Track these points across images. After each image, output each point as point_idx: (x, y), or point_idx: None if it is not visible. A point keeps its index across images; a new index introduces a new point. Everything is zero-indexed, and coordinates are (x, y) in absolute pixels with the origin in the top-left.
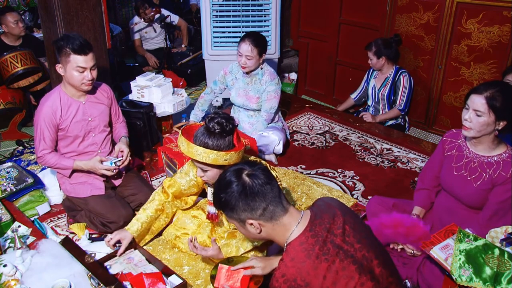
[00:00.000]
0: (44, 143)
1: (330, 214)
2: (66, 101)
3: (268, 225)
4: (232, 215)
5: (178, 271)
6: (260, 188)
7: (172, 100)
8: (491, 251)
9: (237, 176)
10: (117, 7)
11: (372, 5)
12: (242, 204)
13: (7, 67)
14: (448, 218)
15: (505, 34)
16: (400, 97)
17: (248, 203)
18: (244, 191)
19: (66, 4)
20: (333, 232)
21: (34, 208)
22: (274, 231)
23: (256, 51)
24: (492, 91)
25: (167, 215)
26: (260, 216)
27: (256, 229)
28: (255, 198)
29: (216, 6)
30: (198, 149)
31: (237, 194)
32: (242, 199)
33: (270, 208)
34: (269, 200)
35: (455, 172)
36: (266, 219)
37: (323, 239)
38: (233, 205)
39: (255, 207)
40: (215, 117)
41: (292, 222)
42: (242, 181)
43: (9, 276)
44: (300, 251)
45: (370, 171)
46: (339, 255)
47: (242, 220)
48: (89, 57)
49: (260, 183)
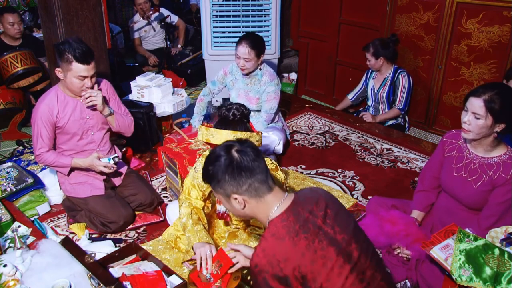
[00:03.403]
0: (42, 141)
1: (314, 198)
2: (63, 100)
3: (252, 201)
4: (218, 189)
5: (178, 271)
6: (248, 164)
7: (172, 100)
8: (491, 251)
9: (226, 151)
10: (117, 7)
11: (372, 5)
12: (228, 178)
13: (7, 67)
14: (448, 219)
15: (505, 34)
16: (399, 97)
17: (234, 177)
18: (232, 165)
19: (66, 4)
20: (315, 214)
21: (34, 208)
22: (257, 208)
23: (254, 53)
24: (490, 94)
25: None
26: (245, 191)
27: (240, 204)
28: (242, 173)
29: (216, 6)
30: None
31: (224, 167)
32: (229, 173)
33: (256, 185)
34: (256, 177)
35: (455, 173)
36: (251, 195)
37: (304, 218)
38: (220, 178)
39: (241, 182)
40: (231, 107)
41: (276, 200)
42: (230, 156)
43: (9, 276)
44: (281, 227)
45: (370, 171)
46: (318, 236)
47: (227, 194)
48: (91, 66)
49: (248, 160)
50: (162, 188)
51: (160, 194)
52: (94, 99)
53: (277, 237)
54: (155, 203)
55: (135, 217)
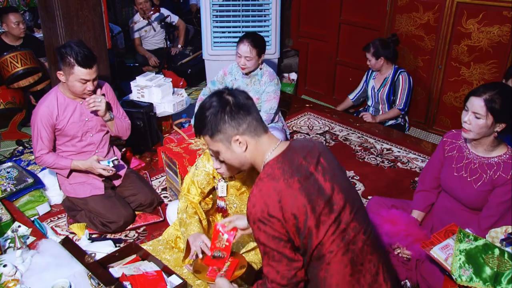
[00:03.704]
0: (41, 143)
1: (308, 146)
2: (63, 102)
3: (252, 141)
4: (217, 135)
5: (178, 271)
6: (243, 102)
7: (172, 100)
8: (491, 251)
9: (218, 97)
10: (117, 7)
11: (372, 5)
12: (228, 118)
13: (7, 67)
14: (449, 219)
15: (505, 34)
16: (399, 97)
17: (233, 116)
18: (229, 105)
19: (66, 4)
20: (308, 160)
21: (34, 208)
22: (256, 150)
23: (255, 52)
24: (491, 94)
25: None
26: (245, 130)
27: (242, 145)
28: (240, 111)
29: (216, 6)
30: None
31: (222, 109)
32: (227, 112)
33: (254, 123)
34: (252, 115)
35: (456, 173)
36: (251, 134)
37: (298, 163)
38: (219, 121)
39: (240, 120)
40: None
41: (272, 143)
42: (224, 99)
43: (9, 276)
44: (276, 168)
45: (370, 171)
46: (310, 181)
47: (228, 139)
48: (93, 70)
49: (242, 98)
50: (162, 188)
51: (160, 194)
52: (98, 104)
53: (272, 177)
54: (155, 203)
55: (135, 217)
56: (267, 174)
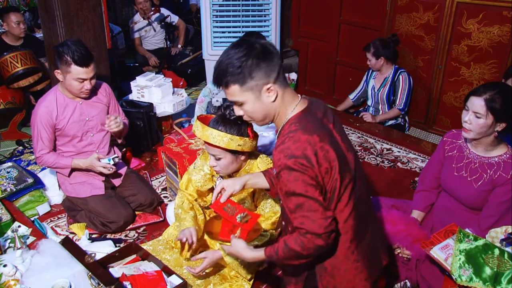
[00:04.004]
0: (42, 143)
1: (322, 104)
2: (63, 102)
3: (280, 92)
4: (250, 82)
5: (178, 271)
6: (272, 50)
7: (172, 100)
8: (491, 251)
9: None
10: (117, 7)
11: (372, 5)
12: (263, 64)
13: (7, 67)
14: (449, 219)
15: (505, 34)
16: (399, 97)
17: (267, 62)
18: (262, 49)
19: (66, 4)
20: (327, 117)
21: (34, 208)
22: (283, 101)
23: None
24: (491, 93)
25: (199, 211)
26: (276, 79)
27: (273, 94)
28: (272, 57)
29: (216, 6)
30: (213, 132)
31: (255, 53)
32: (261, 58)
33: (281, 72)
34: (279, 63)
35: (456, 173)
36: (280, 84)
37: (321, 120)
38: (253, 68)
39: (273, 67)
40: (228, 105)
41: (295, 97)
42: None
43: (9, 276)
44: (306, 122)
45: (370, 171)
46: (332, 138)
47: (259, 87)
48: (90, 68)
49: (270, 46)
50: (162, 188)
51: (160, 194)
52: (118, 122)
53: (305, 130)
54: (155, 203)
55: (135, 217)
56: (299, 127)
